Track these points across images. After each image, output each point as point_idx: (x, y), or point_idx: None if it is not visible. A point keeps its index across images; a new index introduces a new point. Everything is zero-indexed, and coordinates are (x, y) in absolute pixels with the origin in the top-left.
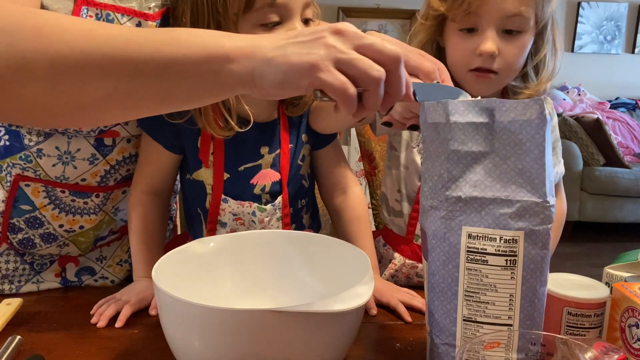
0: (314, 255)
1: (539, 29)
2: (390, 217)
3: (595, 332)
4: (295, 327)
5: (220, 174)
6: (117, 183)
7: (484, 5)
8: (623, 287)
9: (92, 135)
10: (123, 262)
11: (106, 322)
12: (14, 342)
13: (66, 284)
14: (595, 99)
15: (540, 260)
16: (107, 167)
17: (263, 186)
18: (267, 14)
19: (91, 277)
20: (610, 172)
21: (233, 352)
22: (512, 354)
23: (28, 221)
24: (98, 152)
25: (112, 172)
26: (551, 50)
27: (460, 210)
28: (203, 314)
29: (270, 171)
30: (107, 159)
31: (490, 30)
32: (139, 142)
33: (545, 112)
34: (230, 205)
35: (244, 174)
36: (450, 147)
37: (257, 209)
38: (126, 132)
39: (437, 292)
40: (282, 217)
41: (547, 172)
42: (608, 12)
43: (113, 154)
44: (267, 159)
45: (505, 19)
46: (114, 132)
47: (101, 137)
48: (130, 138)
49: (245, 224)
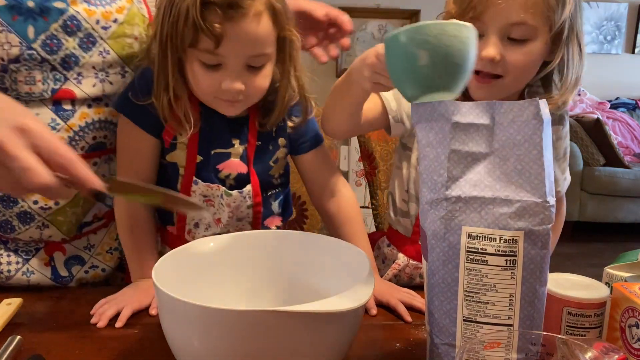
0: (314, 256)
1: (553, 35)
2: (397, 218)
3: (595, 332)
4: (295, 327)
5: (193, 155)
6: (85, 152)
7: (487, 13)
8: (623, 287)
9: (47, 97)
10: (113, 249)
11: (106, 322)
12: (14, 342)
13: (57, 278)
14: (595, 99)
15: (540, 260)
16: (70, 133)
17: (228, 174)
18: (207, 57)
19: (81, 267)
20: (610, 172)
21: (233, 352)
22: (512, 354)
23: (2, 200)
24: (58, 117)
25: (77, 139)
26: (572, 57)
27: (460, 210)
28: (203, 314)
29: (238, 162)
30: (69, 124)
31: (494, 36)
32: (101, 110)
33: (541, 112)
34: (200, 187)
35: (214, 157)
36: (451, 147)
37: (224, 192)
38: (81, 91)
39: (437, 292)
40: (253, 206)
41: (547, 172)
42: (608, 12)
43: (74, 119)
44: (237, 149)
45: (509, 27)
46: (67, 91)
47: (57, 98)
48: (91, 103)
49: (215, 205)
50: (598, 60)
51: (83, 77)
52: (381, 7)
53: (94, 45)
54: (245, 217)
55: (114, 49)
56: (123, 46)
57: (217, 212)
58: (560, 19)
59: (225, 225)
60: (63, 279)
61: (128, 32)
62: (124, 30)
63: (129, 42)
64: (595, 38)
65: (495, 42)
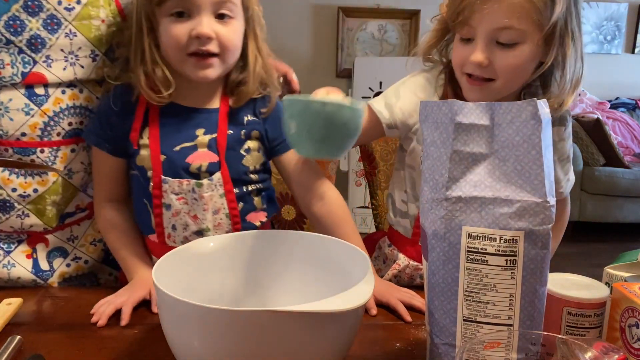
0: (313, 255)
1: (545, 36)
2: (397, 219)
3: (595, 332)
4: (295, 327)
5: (157, 155)
6: (62, 138)
7: (474, 18)
8: (623, 287)
9: (18, 81)
10: (97, 241)
11: (106, 321)
12: (14, 342)
13: (38, 272)
14: (595, 99)
15: (540, 260)
16: (44, 118)
17: (199, 165)
18: (173, 7)
19: (64, 259)
20: (610, 172)
21: (233, 352)
22: (512, 354)
23: None
24: (31, 102)
25: (52, 125)
26: (568, 57)
27: (461, 210)
28: (203, 314)
29: (206, 152)
30: (43, 109)
31: (482, 40)
32: (75, 95)
33: (539, 112)
34: (171, 185)
35: (179, 153)
36: (452, 147)
37: (195, 184)
38: (52, 75)
39: (437, 292)
40: (226, 194)
41: (547, 172)
42: (608, 12)
43: (48, 104)
44: (202, 139)
45: (496, 31)
46: (37, 74)
47: (29, 83)
48: (65, 89)
49: (188, 202)
50: (598, 60)
51: (52, 60)
52: (381, 7)
53: (59, 27)
54: (221, 208)
55: (80, 31)
56: (90, 29)
57: (192, 208)
58: (551, 20)
59: (201, 220)
60: (44, 273)
61: (93, 14)
62: (89, 12)
63: (96, 24)
64: (595, 38)
65: (483, 47)
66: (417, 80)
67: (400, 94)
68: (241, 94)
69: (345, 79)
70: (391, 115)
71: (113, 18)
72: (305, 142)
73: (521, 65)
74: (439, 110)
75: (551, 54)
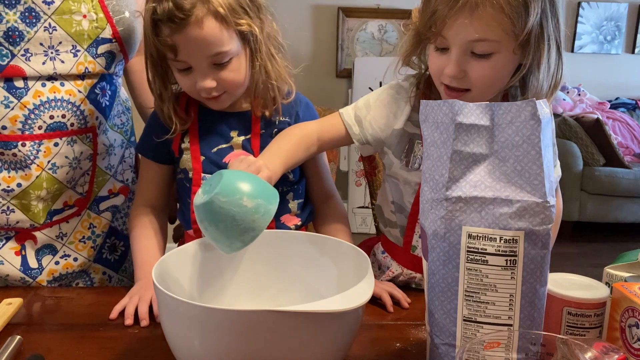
0: (314, 255)
1: (521, 43)
2: (387, 229)
3: (595, 332)
4: (295, 327)
5: (197, 156)
6: (44, 132)
7: (446, 30)
8: (623, 287)
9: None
10: (86, 239)
11: (132, 320)
12: (14, 342)
13: (26, 270)
14: (595, 99)
15: (540, 260)
16: (25, 111)
17: None
18: (176, 64)
19: (53, 257)
20: (610, 172)
21: (233, 352)
22: (512, 354)
23: None
24: (11, 95)
25: (33, 118)
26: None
27: (461, 210)
28: (203, 314)
29: (242, 152)
30: (23, 102)
31: (455, 52)
32: (56, 88)
33: (538, 113)
34: None
35: (217, 154)
36: (453, 148)
37: None
38: (31, 69)
39: (437, 292)
40: None
41: (547, 172)
42: (608, 12)
43: (28, 97)
44: (237, 140)
45: (470, 43)
46: (16, 67)
47: (7, 75)
48: (45, 82)
49: None
50: (598, 60)
51: (31, 54)
52: (381, 7)
53: (37, 20)
54: None
55: (60, 26)
56: (71, 23)
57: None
58: (525, 27)
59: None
60: (32, 271)
61: (74, 8)
62: (69, 7)
63: (77, 19)
64: (595, 38)
65: (457, 59)
66: (389, 91)
67: (370, 106)
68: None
69: (345, 79)
70: (361, 130)
71: (95, 13)
72: (209, 234)
73: (496, 74)
74: (440, 110)
75: (527, 58)
